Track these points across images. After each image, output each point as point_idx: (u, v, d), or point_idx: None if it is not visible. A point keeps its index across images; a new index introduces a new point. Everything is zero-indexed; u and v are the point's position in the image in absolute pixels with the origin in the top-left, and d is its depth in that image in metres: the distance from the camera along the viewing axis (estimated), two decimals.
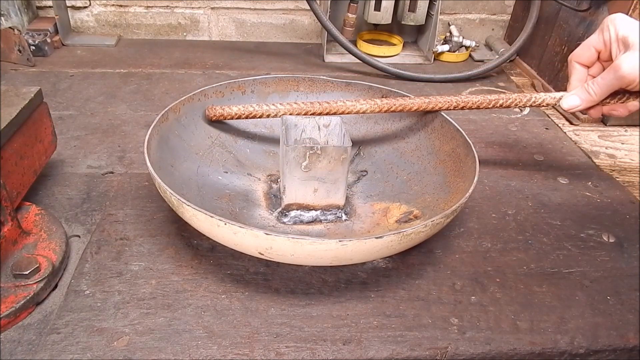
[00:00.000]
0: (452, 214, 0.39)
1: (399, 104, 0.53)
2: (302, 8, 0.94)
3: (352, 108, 0.52)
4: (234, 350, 0.36)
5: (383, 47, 0.90)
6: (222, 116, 0.53)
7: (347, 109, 0.52)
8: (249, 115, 0.53)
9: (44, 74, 0.77)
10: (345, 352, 0.37)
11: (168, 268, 0.43)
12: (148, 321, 0.38)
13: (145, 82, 0.77)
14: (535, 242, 0.48)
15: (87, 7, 0.92)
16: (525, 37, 0.82)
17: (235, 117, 0.53)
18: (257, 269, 0.43)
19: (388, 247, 0.37)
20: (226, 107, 0.53)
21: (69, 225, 0.47)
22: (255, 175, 0.54)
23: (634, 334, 0.39)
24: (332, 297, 0.41)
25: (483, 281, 0.43)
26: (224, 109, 0.53)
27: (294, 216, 0.48)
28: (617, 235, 0.50)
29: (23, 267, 0.38)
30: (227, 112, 0.53)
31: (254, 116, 0.53)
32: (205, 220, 0.37)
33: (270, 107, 0.52)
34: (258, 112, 0.52)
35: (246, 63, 0.86)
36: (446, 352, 0.37)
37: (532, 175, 0.59)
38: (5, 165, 0.41)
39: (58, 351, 0.35)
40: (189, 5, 0.93)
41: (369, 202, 0.51)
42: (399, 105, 0.53)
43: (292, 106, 0.52)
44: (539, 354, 0.38)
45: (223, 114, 0.53)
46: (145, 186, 0.53)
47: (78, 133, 0.62)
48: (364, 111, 0.52)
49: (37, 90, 0.46)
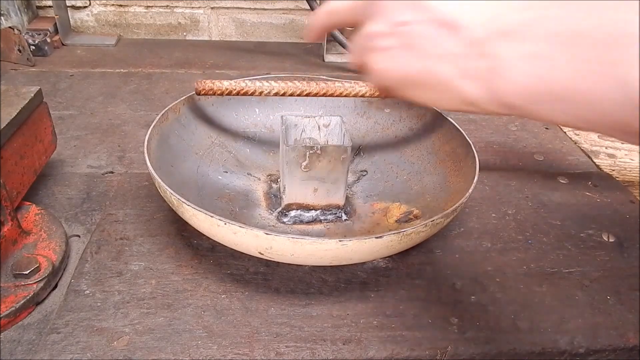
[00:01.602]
0: (452, 213, 0.39)
1: None
2: (302, 8, 0.94)
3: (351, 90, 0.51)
4: (234, 350, 0.36)
5: None
6: (212, 90, 0.51)
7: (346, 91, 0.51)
8: (240, 92, 0.50)
9: (44, 73, 0.77)
10: (345, 352, 0.37)
11: (168, 268, 0.43)
12: (148, 321, 0.38)
13: (145, 82, 0.77)
14: (535, 242, 0.48)
15: (87, 7, 0.92)
16: None
17: (225, 92, 0.50)
18: (257, 268, 0.43)
19: (388, 247, 0.37)
20: (216, 82, 0.51)
21: (69, 225, 0.47)
22: (255, 175, 0.54)
23: (633, 333, 0.39)
24: (332, 297, 0.41)
25: (483, 281, 0.43)
26: (214, 82, 0.50)
27: (294, 216, 0.48)
28: (617, 235, 0.50)
29: (23, 267, 0.38)
30: (217, 86, 0.50)
31: (245, 92, 0.50)
32: (205, 220, 0.37)
33: (264, 84, 0.51)
34: (250, 89, 0.50)
35: (246, 63, 0.86)
36: (446, 352, 0.37)
37: (532, 175, 0.59)
38: (5, 165, 0.41)
39: (58, 351, 0.35)
40: (189, 5, 0.93)
41: (369, 202, 0.51)
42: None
43: (287, 84, 0.51)
44: (539, 353, 0.38)
45: (213, 88, 0.50)
46: (145, 186, 0.53)
47: (78, 133, 0.62)
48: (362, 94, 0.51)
49: (37, 90, 0.46)
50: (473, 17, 0.23)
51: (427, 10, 0.24)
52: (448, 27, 0.23)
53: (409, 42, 0.25)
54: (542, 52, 0.20)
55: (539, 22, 0.21)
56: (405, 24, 0.25)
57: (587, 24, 0.19)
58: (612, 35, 0.19)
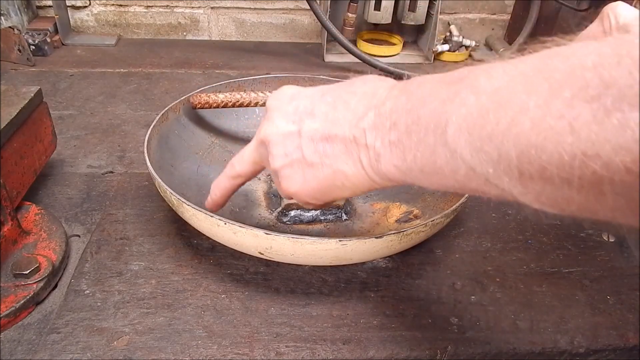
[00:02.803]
0: (452, 213, 0.39)
1: None
2: (302, 8, 0.94)
3: None
4: (234, 350, 0.36)
5: (383, 47, 0.90)
6: (208, 104, 0.51)
7: None
8: (235, 104, 0.50)
9: (44, 73, 0.77)
10: (345, 351, 0.37)
11: (168, 268, 0.43)
12: (148, 321, 0.38)
13: (145, 81, 0.77)
14: (535, 242, 0.48)
15: (87, 6, 0.92)
16: (525, 37, 0.81)
17: (221, 105, 0.51)
18: (257, 268, 0.43)
19: (388, 247, 0.37)
20: (212, 95, 0.51)
21: (69, 225, 0.47)
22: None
23: (633, 333, 0.39)
24: (332, 296, 0.41)
25: (483, 281, 0.43)
26: (210, 96, 0.51)
27: (294, 216, 0.48)
28: (617, 235, 0.50)
29: (23, 267, 0.38)
30: (212, 99, 0.51)
31: (240, 104, 0.50)
32: (205, 220, 0.37)
33: (259, 94, 0.51)
34: (245, 100, 0.50)
35: (246, 63, 0.86)
36: (446, 351, 0.37)
37: None
38: (5, 165, 0.41)
39: (58, 351, 0.35)
40: (189, 4, 0.93)
41: (368, 201, 0.51)
42: None
43: None
44: (539, 353, 0.38)
45: (209, 102, 0.51)
46: (145, 186, 0.53)
47: (78, 133, 0.62)
48: None
49: (37, 90, 0.46)
50: (343, 125, 0.28)
51: (301, 135, 0.30)
52: (327, 139, 0.29)
53: (308, 161, 0.30)
54: (398, 139, 0.25)
55: (395, 115, 0.25)
56: (294, 151, 0.30)
57: (423, 114, 0.24)
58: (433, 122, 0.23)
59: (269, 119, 0.32)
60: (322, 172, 0.29)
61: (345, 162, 0.28)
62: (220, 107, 0.51)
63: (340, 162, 0.28)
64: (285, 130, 0.30)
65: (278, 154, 0.31)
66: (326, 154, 0.29)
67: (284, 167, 0.31)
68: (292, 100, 0.31)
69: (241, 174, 0.37)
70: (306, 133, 0.29)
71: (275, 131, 0.31)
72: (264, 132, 0.32)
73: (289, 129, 0.30)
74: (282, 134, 0.31)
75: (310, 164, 0.30)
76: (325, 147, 0.29)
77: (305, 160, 0.30)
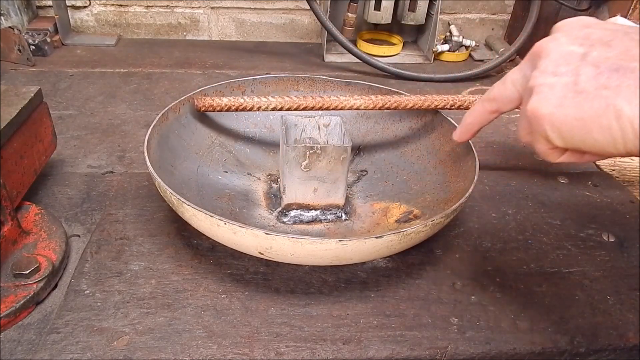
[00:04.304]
0: (452, 213, 0.39)
1: (394, 101, 0.52)
2: (302, 8, 0.94)
3: (346, 103, 0.52)
4: (234, 350, 0.36)
5: (383, 47, 0.90)
6: (212, 107, 0.51)
7: (341, 104, 0.52)
8: (239, 107, 0.51)
9: (44, 73, 0.77)
10: (345, 351, 0.37)
11: (168, 268, 0.43)
12: (148, 321, 0.38)
13: (145, 81, 0.77)
14: (535, 242, 0.48)
15: (87, 6, 0.92)
16: (525, 37, 0.81)
17: (225, 108, 0.51)
18: (257, 268, 0.43)
19: (388, 247, 0.37)
20: (216, 98, 0.51)
21: (69, 224, 0.47)
22: (255, 175, 0.54)
23: (633, 333, 0.39)
24: (332, 296, 0.41)
25: (483, 281, 0.43)
26: (214, 99, 0.51)
27: (294, 216, 0.48)
28: (617, 235, 0.50)
29: (23, 267, 0.38)
30: (216, 103, 0.51)
31: (244, 108, 0.51)
32: (205, 220, 0.37)
33: (262, 99, 0.51)
34: (249, 104, 0.51)
35: (246, 63, 0.86)
36: (446, 351, 0.37)
37: (532, 175, 0.59)
38: (5, 165, 0.41)
39: (58, 351, 0.35)
40: (189, 4, 0.93)
41: (369, 201, 0.51)
42: (394, 102, 0.52)
43: (285, 99, 0.51)
44: (539, 353, 0.38)
45: (212, 105, 0.51)
46: (145, 186, 0.53)
47: (78, 133, 0.62)
48: (357, 107, 0.52)
49: (37, 90, 0.46)
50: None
51: (585, 59, 0.26)
52: (617, 70, 0.25)
53: (579, 87, 0.26)
54: None
55: None
56: (566, 73, 0.26)
57: None
58: None
59: (552, 37, 0.29)
60: (590, 103, 0.25)
61: (628, 99, 0.24)
62: (224, 110, 0.52)
63: (621, 99, 0.24)
64: (568, 49, 0.27)
65: (546, 69, 0.27)
66: (607, 86, 0.25)
67: (545, 85, 0.27)
68: (585, 27, 0.28)
69: (496, 97, 0.34)
70: (593, 59, 0.26)
71: (555, 46, 0.28)
72: (540, 44, 0.29)
73: (572, 49, 0.27)
74: (561, 51, 0.27)
75: (580, 90, 0.26)
76: (611, 78, 0.25)
77: (577, 85, 0.26)
